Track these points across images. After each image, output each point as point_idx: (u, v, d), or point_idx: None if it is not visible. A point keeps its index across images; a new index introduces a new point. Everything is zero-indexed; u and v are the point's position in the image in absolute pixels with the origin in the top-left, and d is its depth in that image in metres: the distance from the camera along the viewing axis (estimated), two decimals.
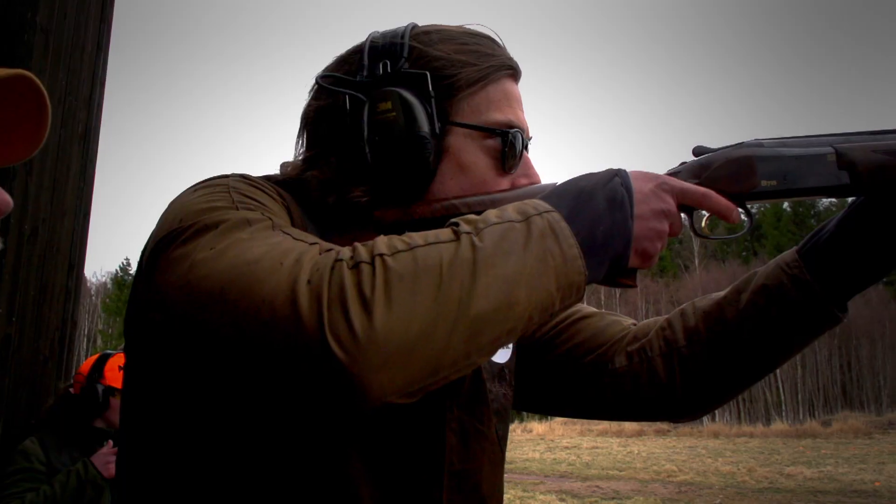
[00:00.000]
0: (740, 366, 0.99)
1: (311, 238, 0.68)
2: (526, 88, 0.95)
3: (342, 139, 0.85)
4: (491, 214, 0.70)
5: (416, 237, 0.65)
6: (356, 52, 0.90)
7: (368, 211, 0.83)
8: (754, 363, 0.99)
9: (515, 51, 0.94)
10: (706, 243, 43.92)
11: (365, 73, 0.86)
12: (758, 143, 0.91)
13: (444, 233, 0.66)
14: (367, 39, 0.89)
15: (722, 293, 1.04)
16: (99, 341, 49.86)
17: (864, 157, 0.89)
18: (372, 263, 0.61)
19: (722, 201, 0.86)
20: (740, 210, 0.91)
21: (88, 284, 54.05)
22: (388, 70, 0.85)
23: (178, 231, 0.69)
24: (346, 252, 0.63)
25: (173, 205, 0.76)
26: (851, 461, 16.33)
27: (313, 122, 0.89)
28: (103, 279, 59.87)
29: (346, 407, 0.60)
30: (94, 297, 54.78)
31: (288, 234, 0.68)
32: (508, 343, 0.69)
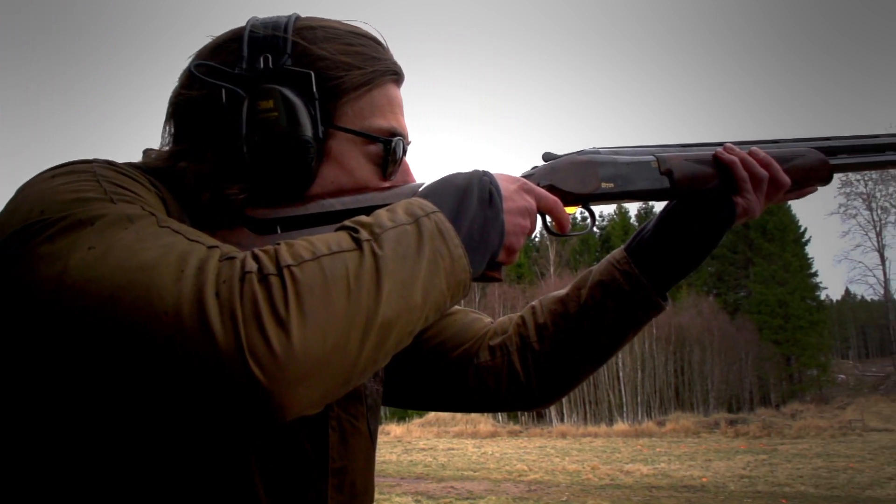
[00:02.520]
0: (584, 355, 1.09)
1: (206, 238, 0.65)
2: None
3: (217, 134, 0.81)
4: (383, 217, 0.70)
5: (318, 244, 0.65)
6: (233, 39, 0.85)
7: (242, 209, 0.81)
8: (595, 351, 1.09)
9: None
10: (561, 252, 46.06)
11: (244, 66, 0.82)
12: (595, 151, 1.02)
13: (344, 240, 0.66)
14: (246, 27, 0.85)
15: (564, 290, 1.13)
16: None
17: (679, 165, 1.03)
18: (280, 275, 0.60)
19: (564, 214, 0.94)
20: (584, 211, 1.02)
21: None
22: (270, 66, 0.82)
23: (41, 224, 0.63)
24: (250, 262, 0.61)
25: (27, 192, 0.69)
26: (682, 458, 17.67)
27: (184, 113, 0.84)
28: None
29: (260, 423, 0.59)
30: None
31: (179, 232, 0.64)
32: (408, 343, 0.70)
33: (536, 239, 50.73)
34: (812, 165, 1.09)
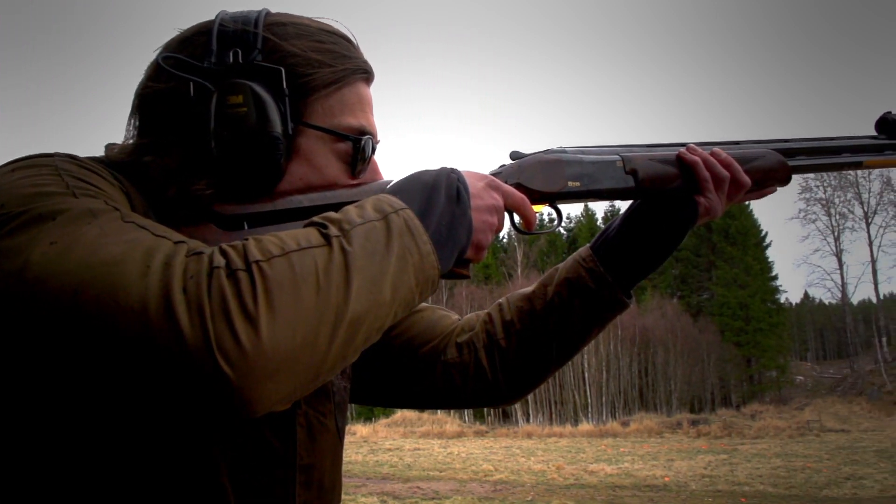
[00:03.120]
0: (550, 351, 1.10)
1: (172, 234, 0.65)
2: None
3: (184, 128, 0.80)
4: (352, 213, 0.70)
5: (287, 240, 0.64)
6: (202, 33, 0.84)
7: (209, 204, 0.80)
8: (561, 348, 1.10)
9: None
10: (529, 253, 46.31)
11: (213, 60, 0.81)
12: (562, 151, 1.03)
13: (313, 235, 0.66)
14: (215, 21, 0.83)
15: (531, 288, 1.14)
16: None
17: (643, 165, 1.04)
18: (249, 271, 0.60)
19: (531, 211, 0.95)
20: (551, 209, 1.03)
21: None
22: (240, 60, 0.81)
23: (1, 219, 0.62)
24: (218, 257, 0.61)
25: None
26: (645, 458, 17.91)
27: (150, 106, 0.82)
28: None
29: (229, 418, 0.59)
30: None
31: (144, 227, 0.64)
32: (377, 339, 0.71)
33: (504, 240, 50.98)
34: (771, 166, 1.12)
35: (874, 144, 1.17)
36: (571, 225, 55.96)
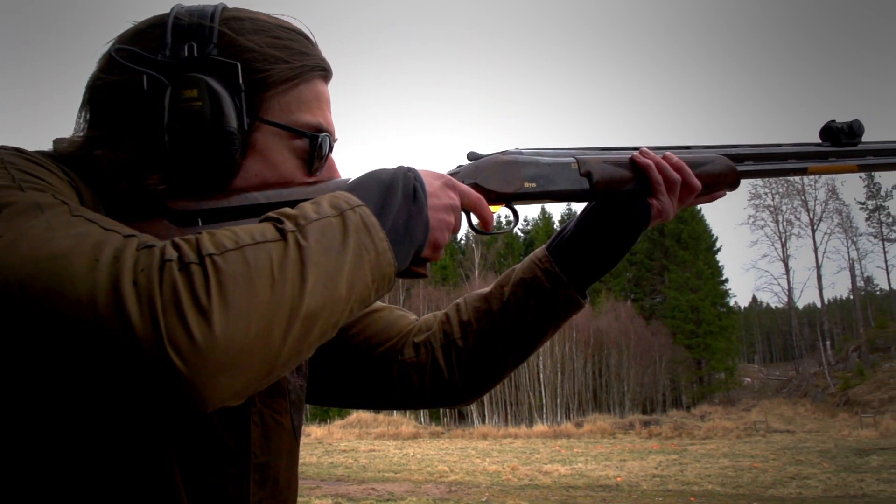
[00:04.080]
0: (506, 351, 1.11)
1: (123, 227, 0.63)
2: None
3: (137, 121, 0.78)
4: (308, 209, 0.70)
5: (242, 234, 0.64)
6: (156, 25, 0.82)
7: (162, 200, 0.78)
8: (517, 348, 1.11)
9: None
10: (486, 255, 46.56)
11: (167, 53, 0.79)
12: (518, 152, 1.05)
13: (268, 230, 0.66)
14: (170, 13, 0.82)
15: (488, 289, 1.15)
16: None
17: (597, 167, 1.06)
18: (202, 264, 0.59)
19: (488, 211, 0.96)
20: (508, 210, 1.03)
21: None
22: (195, 54, 0.79)
23: None
24: (170, 250, 0.60)
25: None
26: (598, 459, 18.18)
27: (102, 99, 0.80)
28: None
29: (180, 412, 0.58)
30: None
31: (93, 221, 0.62)
32: (332, 336, 0.70)
33: (462, 241, 51.15)
34: (721, 171, 1.15)
35: (818, 151, 1.21)
36: (528, 227, 56.47)
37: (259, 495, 0.84)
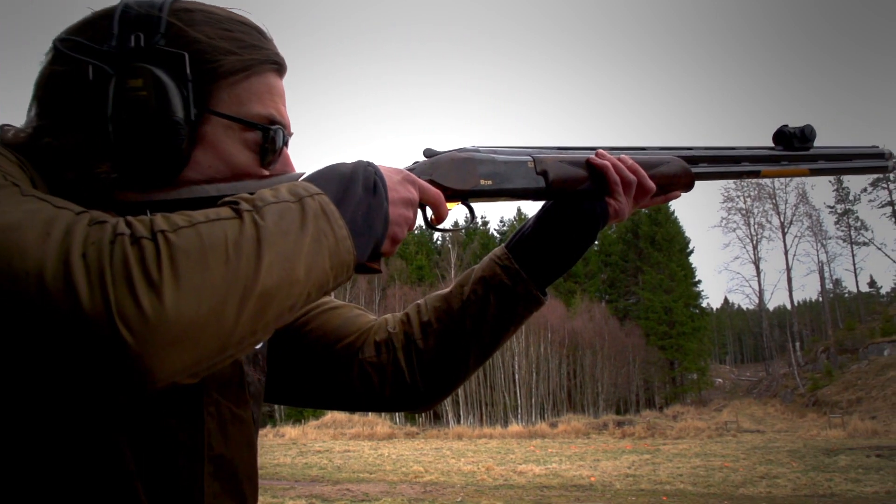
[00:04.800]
0: (467, 351, 1.11)
1: (74, 206, 0.63)
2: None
3: (84, 111, 0.78)
4: (266, 193, 0.70)
5: (196, 214, 0.64)
6: (104, 17, 0.81)
7: (110, 191, 0.78)
8: (478, 347, 1.11)
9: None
10: (462, 256, 46.58)
11: (113, 43, 0.78)
12: (475, 149, 1.05)
13: (224, 210, 0.66)
14: (119, 4, 0.82)
15: (448, 289, 1.15)
16: None
17: (554, 166, 1.07)
18: (154, 239, 0.59)
19: (445, 207, 0.97)
20: (464, 207, 1.04)
21: None
22: (142, 44, 0.78)
23: None
24: (122, 226, 0.60)
25: None
26: (573, 458, 18.27)
27: (49, 89, 0.80)
28: None
29: (129, 385, 0.58)
30: None
31: (45, 200, 0.62)
32: (289, 319, 0.70)
33: (438, 241, 51.16)
34: (675, 172, 1.16)
35: (771, 155, 1.24)
36: (504, 227, 56.66)
37: (213, 488, 0.83)
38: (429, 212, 0.98)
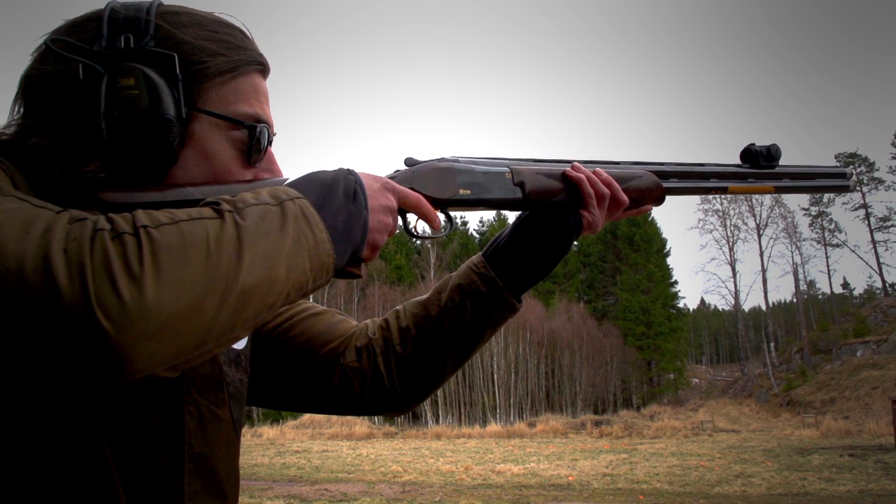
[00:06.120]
0: (444, 356, 1.13)
1: (54, 206, 0.63)
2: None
3: (73, 110, 0.78)
4: (247, 195, 0.72)
5: (177, 212, 0.65)
6: (93, 19, 0.82)
7: (95, 189, 0.78)
8: (455, 352, 1.13)
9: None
10: (442, 256, 46.65)
11: (103, 44, 0.79)
12: (455, 160, 1.07)
13: (205, 210, 0.67)
14: (106, 7, 0.83)
15: (425, 295, 1.18)
16: None
17: (530, 178, 1.10)
18: (136, 235, 0.60)
19: (430, 209, 0.99)
20: (442, 216, 1.05)
21: None
22: (132, 45, 0.80)
23: None
24: (103, 222, 0.61)
25: None
26: (551, 458, 18.36)
27: (37, 89, 0.80)
28: None
29: (108, 376, 0.59)
30: None
31: (24, 200, 0.63)
32: (268, 318, 0.71)
33: (418, 242, 51.09)
34: (647, 186, 1.19)
35: (739, 172, 1.28)
36: (484, 229, 56.76)
37: (194, 485, 0.84)
38: (410, 218, 1.00)
